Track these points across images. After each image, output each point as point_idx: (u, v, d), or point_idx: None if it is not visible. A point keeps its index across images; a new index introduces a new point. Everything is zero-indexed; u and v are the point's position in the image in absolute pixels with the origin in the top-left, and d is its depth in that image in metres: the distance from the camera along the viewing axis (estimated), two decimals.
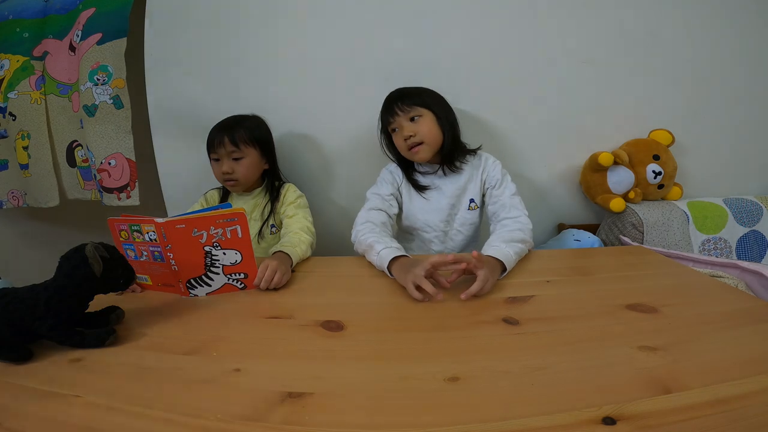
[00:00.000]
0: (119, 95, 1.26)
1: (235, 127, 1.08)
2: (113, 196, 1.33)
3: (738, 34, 1.29)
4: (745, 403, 0.42)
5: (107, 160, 1.29)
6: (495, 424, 0.41)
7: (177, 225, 0.72)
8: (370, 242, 0.88)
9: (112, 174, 1.30)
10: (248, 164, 1.08)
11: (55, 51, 1.39)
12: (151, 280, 0.81)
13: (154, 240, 0.74)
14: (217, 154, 1.07)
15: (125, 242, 0.77)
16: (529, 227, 0.94)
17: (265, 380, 0.50)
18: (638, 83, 1.29)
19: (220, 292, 0.79)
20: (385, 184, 1.06)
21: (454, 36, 1.22)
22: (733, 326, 0.59)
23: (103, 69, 1.26)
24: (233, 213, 0.75)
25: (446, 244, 1.09)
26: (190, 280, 0.77)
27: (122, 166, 1.30)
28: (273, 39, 1.24)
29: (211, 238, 0.75)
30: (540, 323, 0.62)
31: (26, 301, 0.55)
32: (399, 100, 1.01)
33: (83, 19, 1.31)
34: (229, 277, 0.79)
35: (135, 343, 0.60)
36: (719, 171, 1.40)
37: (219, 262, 0.77)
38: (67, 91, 1.38)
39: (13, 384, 0.51)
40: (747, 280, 0.90)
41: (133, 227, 0.75)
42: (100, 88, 1.26)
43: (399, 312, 0.69)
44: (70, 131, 1.42)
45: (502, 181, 1.03)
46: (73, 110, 1.38)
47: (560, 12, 1.22)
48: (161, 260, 0.75)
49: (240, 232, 0.76)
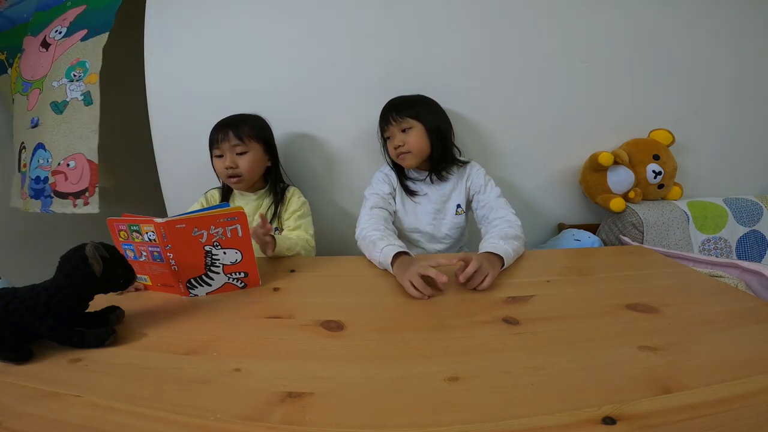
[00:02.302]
0: (90, 91, 1.19)
1: (239, 122, 1.09)
2: (68, 202, 1.20)
3: (738, 34, 1.29)
4: (745, 403, 0.42)
5: (66, 161, 1.19)
6: (495, 424, 0.41)
7: (177, 225, 0.71)
8: (373, 239, 0.90)
9: (69, 177, 1.19)
10: (252, 159, 1.08)
11: (29, 48, 1.34)
12: (151, 280, 0.80)
13: (153, 240, 0.73)
14: (221, 150, 1.07)
15: (124, 242, 0.77)
16: (518, 223, 0.97)
17: (265, 380, 0.50)
18: (638, 83, 1.29)
19: (220, 291, 0.79)
20: (382, 184, 1.10)
21: (454, 36, 1.22)
22: (733, 326, 0.59)
23: (81, 65, 1.21)
24: (233, 212, 0.75)
25: (433, 245, 1.13)
26: (190, 280, 0.77)
27: (82, 168, 1.19)
28: (274, 39, 1.24)
29: (211, 238, 0.75)
30: (540, 323, 0.62)
31: (26, 301, 0.55)
32: (393, 110, 1.07)
33: (71, 16, 1.26)
34: (229, 276, 0.79)
35: (135, 343, 0.60)
36: (719, 171, 1.40)
37: (219, 261, 0.77)
38: (28, 88, 1.30)
39: (13, 384, 0.51)
40: (747, 280, 0.90)
41: (132, 227, 0.74)
42: (74, 84, 1.20)
43: (399, 312, 0.69)
44: (20, 132, 1.33)
45: (486, 186, 1.08)
46: (28, 108, 1.29)
47: (560, 12, 1.22)
48: (161, 260, 0.75)
49: (240, 231, 0.76)
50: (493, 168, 1.24)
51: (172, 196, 1.35)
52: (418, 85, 1.16)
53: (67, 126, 1.20)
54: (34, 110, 1.26)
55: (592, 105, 1.30)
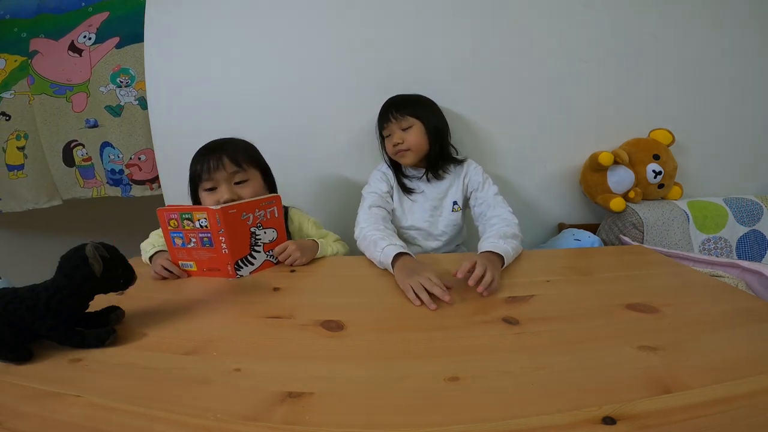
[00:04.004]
0: (143, 97, 1.32)
1: (230, 146, 0.91)
2: (145, 187, 1.43)
3: (738, 34, 1.29)
4: (745, 403, 0.42)
5: (137, 155, 1.38)
6: (495, 424, 0.41)
7: (230, 210, 0.81)
8: (374, 238, 0.89)
9: (143, 168, 1.40)
10: (254, 189, 0.92)
11: (47, 51, 1.39)
12: (197, 266, 0.86)
13: (205, 227, 0.81)
14: (213, 181, 0.89)
15: (174, 230, 0.84)
16: (515, 222, 0.98)
17: (265, 380, 0.50)
18: (638, 83, 1.29)
19: (261, 269, 0.89)
20: (380, 183, 1.11)
21: (454, 36, 1.22)
22: (733, 326, 0.59)
23: (125, 72, 1.33)
24: (271, 197, 0.90)
25: (429, 242, 1.13)
26: (238, 261, 0.84)
27: (151, 160, 1.38)
28: (274, 39, 1.24)
29: (256, 220, 0.86)
30: (540, 323, 0.62)
31: (26, 301, 0.55)
32: (393, 108, 1.08)
33: (96, 22, 1.35)
34: (267, 254, 0.90)
35: (135, 343, 0.60)
36: (719, 171, 1.40)
37: (261, 240, 0.88)
38: (65, 91, 1.39)
39: (13, 384, 0.51)
40: (747, 279, 0.90)
41: (184, 215, 0.82)
42: (123, 90, 1.34)
43: (399, 312, 0.69)
44: (67, 131, 1.42)
45: (484, 184, 1.08)
46: (74, 110, 1.39)
47: (560, 12, 1.22)
48: (210, 245, 0.82)
49: (276, 212, 0.90)
50: (492, 168, 1.24)
51: (172, 196, 1.35)
52: (419, 85, 1.16)
53: (129, 127, 1.37)
54: (86, 112, 1.39)
55: (592, 105, 1.30)
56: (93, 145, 1.42)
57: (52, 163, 1.45)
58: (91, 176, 1.46)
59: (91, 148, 1.42)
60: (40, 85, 1.40)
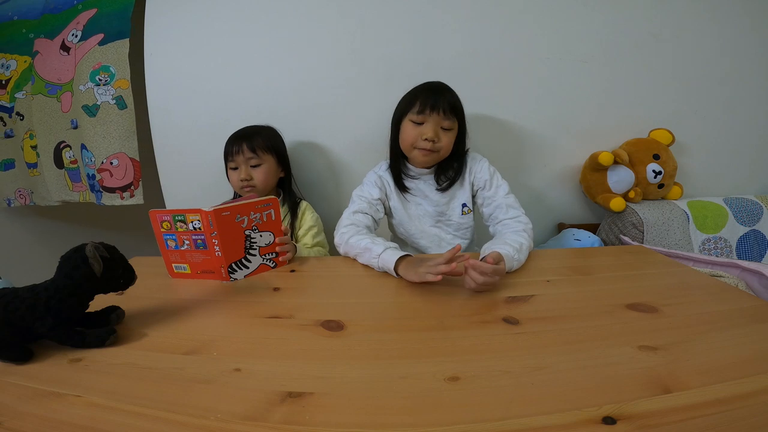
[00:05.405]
0: (122, 96, 1.26)
1: (253, 135, 1.11)
2: (115, 195, 1.33)
3: (738, 34, 1.29)
4: (745, 403, 0.42)
5: (109, 160, 1.29)
6: (495, 424, 0.41)
7: (223, 213, 0.79)
8: (365, 245, 0.87)
9: (114, 173, 1.30)
10: (266, 171, 1.11)
11: (45, 50, 1.37)
12: (191, 268, 0.85)
13: (198, 229, 0.80)
14: (235, 162, 1.10)
15: (166, 233, 0.83)
16: (529, 226, 0.95)
17: (265, 380, 0.50)
18: (638, 83, 1.29)
19: (256, 272, 0.87)
20: (373, 188, 1.04)
21: (454, 36, 1.22)
22: (733, 326, 0.59)
23: (105, 69, 1.26)
24: (268, 200, 0.87)
25: (443, 249, 1.06)
26: (232, 264, 0.83)
27: (125, 165, 1.30)
28: (274, 39, 1.24)
29: (251, 223, 0.84)
30: (540, 323, 0.62)
31: (26, 301, 0.55)
32: (443, 97, 0.94)
33: (83, 19, 1.30)
34: (263, 257, 0.88)
35: (135, 343, 0.60)
36: (719, 171, 1.40)
37: (256, 244, 0.86)
38: (56, 91, 1.36)
39: (13, 384, 0.51)
40: (747, 279, 0.90)
41: (177, 217, 0.81)
42: (102, 88, 1.26)
43: (399, 312, 0.69)
44: (57, 132, 1.39)
45: (492, 181, 1.02)
46: (62, 110, 1.36)
47: (560, 12, 1.22)
48: (204, 248, 0.81)
49: (273, 215, 0.87)
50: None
51: (172, 195, 1.35)
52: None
53: (104, 128, 1.28)
54: (70, 112, 1.34)
55: (592, 105, 1.30)
56: (77, 147, 1.36)
57: (46, 164, 1.43)
58: (78, 179, 1.40)
59: (76, 150, 1.37)
60: (38, 86, 1.39)
